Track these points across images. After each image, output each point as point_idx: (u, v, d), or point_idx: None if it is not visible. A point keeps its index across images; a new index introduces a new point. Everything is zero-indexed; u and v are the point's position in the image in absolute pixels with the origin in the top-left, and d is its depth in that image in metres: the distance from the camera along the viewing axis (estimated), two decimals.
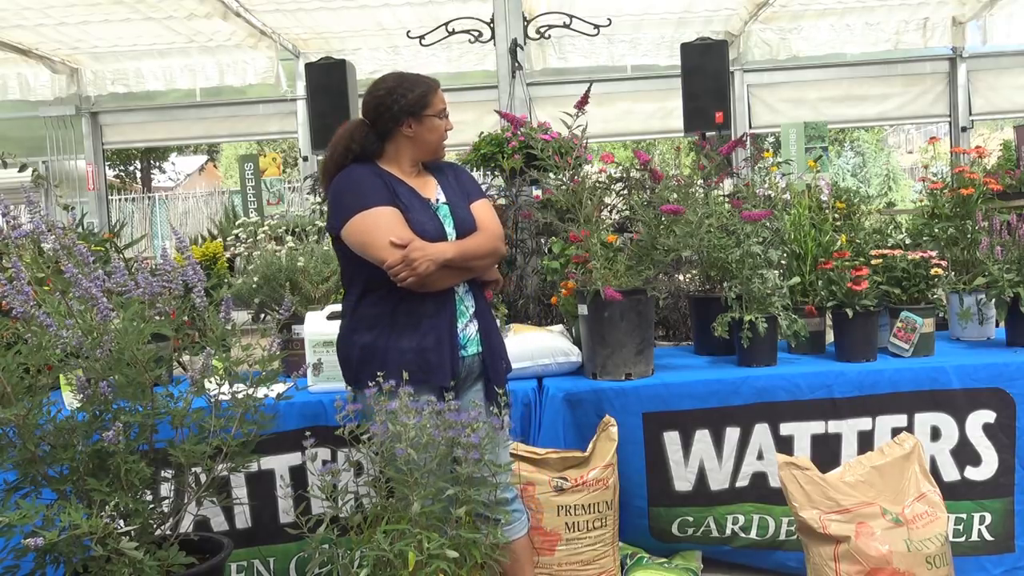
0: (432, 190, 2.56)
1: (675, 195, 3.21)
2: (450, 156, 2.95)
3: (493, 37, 6.34)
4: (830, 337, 3.41)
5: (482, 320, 2.57)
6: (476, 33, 6.63)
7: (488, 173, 4.27)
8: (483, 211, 2.59)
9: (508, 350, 2.68)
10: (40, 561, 2.24)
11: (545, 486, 2.89)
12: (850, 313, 3.17)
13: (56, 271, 2.51)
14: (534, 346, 3.20)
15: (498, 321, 2.90)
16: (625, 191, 3.84)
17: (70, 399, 2.56)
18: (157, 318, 2.40)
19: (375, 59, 8.48)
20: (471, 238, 2.52)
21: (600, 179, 3.64)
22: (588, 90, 3.23)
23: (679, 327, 4.42)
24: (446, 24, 6.61)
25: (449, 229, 2.51)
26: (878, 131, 19.81)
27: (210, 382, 2.42)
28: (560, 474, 2.90)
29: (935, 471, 3.03)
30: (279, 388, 2.54)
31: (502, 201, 4.14)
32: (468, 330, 2.53)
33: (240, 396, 2.42)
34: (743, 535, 3.12)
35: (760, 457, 3.09)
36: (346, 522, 2.26)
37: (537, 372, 3.19)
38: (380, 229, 2.39)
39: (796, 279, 3.41)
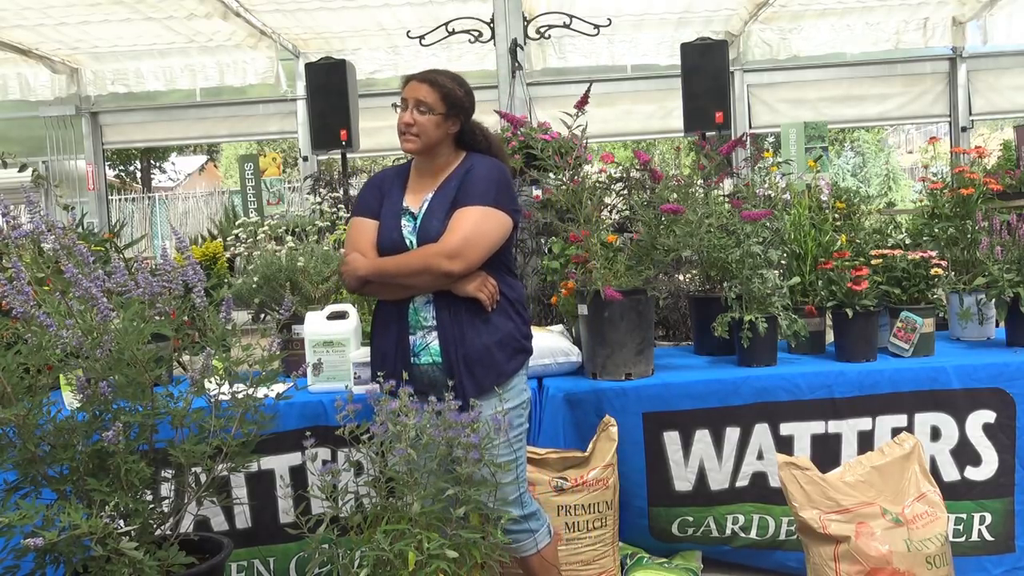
0: (424, 195, 2.54)
1: (675, 195, 3.21)
2: None
3: (493, 37, 6.32)
4: (830, 337, 3.41)
5: (446, 331, 2.46)
6: (476, 33, 6.62)
7: None
8: (458, 220, 2.43)
9: None
10: (40, 561, 2.24)
11: (545, 486, 2.89)
12: (850, 313, 3.17)
13: (56, 271, 2.51)
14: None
15: None
16: (625, 191, 3.85)
17: (70, 399, 2.56)
18: (157, 318, 2.40)
19: (375, 59, 8.47)
20: (396, 256, 2.48)
21: (600, 179, 3.64)
22: (588, 90, 3.23)
23: (679, 327, 4.41)
24: (446, 24, 6.60)
25: (412, 239, 2.51)
26: (878, 131, 19.79)
27: (210, 382, 2.42)
28: (560, 474, 2.90)
29: (935, 471, 3.03)
30: (279, 388, 2.54)
31: None
32: (427, 339, 2.50)
33: (240, 396, 2.42)
34: (743, 535, 3.12)
35: (760, 457, 3.09)
36: (346, 522, 2.26)
37: (537, 372, 3.19)
38: (351, 238, 2.59)
39: (796, 279, 3.41)
